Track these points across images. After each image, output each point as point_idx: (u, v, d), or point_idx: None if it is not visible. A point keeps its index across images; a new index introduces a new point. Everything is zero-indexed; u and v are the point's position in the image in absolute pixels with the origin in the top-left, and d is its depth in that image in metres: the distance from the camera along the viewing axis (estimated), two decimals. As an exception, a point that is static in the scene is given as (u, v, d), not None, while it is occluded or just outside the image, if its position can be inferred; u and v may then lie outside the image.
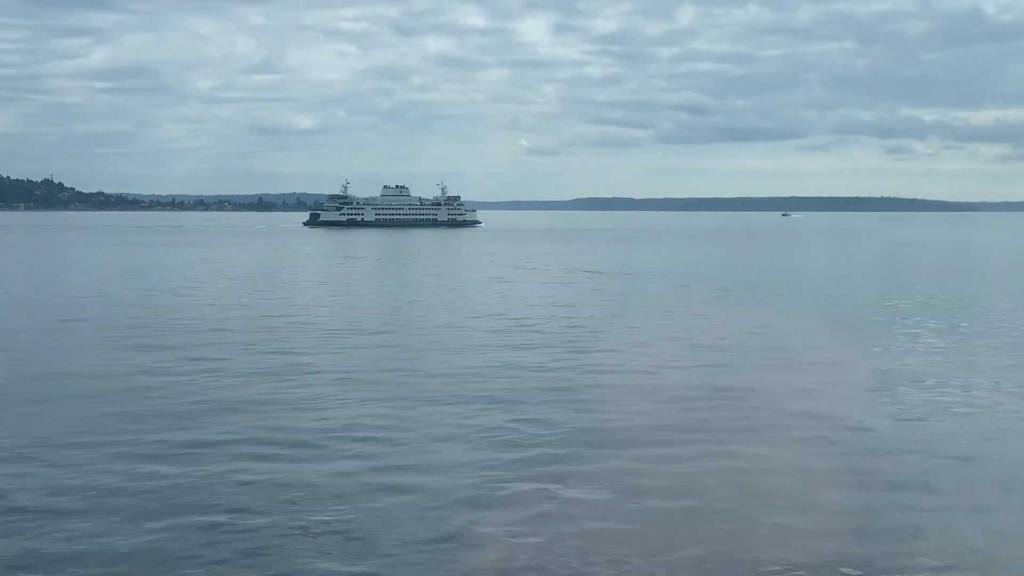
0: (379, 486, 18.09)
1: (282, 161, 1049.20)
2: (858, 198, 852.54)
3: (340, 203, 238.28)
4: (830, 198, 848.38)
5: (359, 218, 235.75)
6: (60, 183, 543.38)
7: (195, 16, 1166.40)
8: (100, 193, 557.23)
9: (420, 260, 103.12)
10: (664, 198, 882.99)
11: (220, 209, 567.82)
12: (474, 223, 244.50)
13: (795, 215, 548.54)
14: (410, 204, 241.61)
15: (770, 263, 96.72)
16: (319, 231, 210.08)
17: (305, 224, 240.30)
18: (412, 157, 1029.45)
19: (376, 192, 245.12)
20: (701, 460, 20.05)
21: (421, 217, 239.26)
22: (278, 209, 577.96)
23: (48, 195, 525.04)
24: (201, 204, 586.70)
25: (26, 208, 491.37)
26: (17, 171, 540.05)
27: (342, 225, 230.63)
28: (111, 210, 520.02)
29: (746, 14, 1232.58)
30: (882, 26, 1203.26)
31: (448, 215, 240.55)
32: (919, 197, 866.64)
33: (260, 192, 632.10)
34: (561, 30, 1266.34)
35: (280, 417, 23.80)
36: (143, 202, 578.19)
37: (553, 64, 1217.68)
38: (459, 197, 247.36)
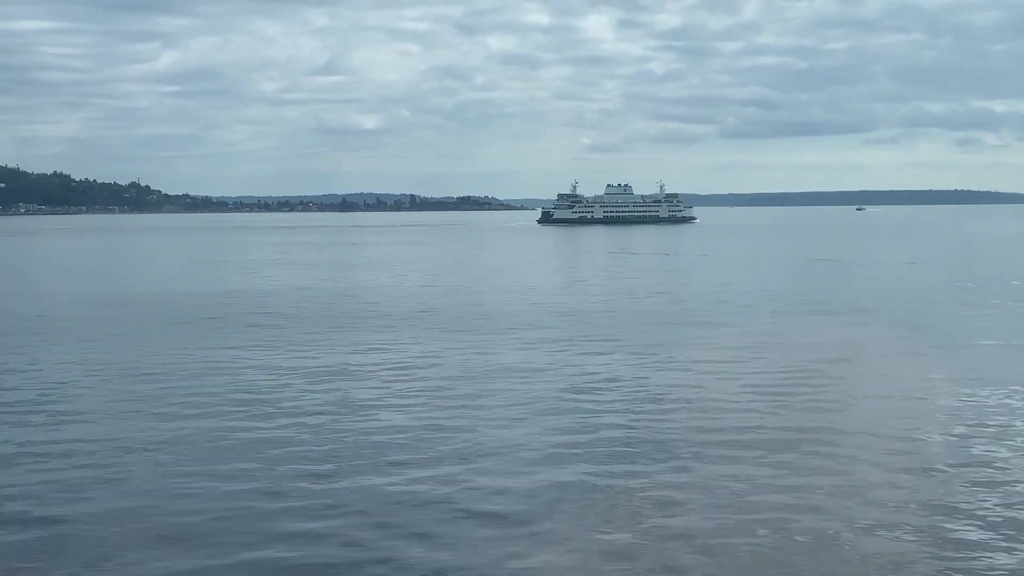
0: None
1: (347, 161, 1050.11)
2: (930, 191, 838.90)
3: (571, 201, 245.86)
4: (900, 191, 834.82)
5: (589, 215, 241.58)
6: (147, 186, 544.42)
7: (261, 19, 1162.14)
8: (187, 195, 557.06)
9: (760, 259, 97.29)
10: (730, 193, 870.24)
11: (305, 210, 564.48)
12: (691, 219, 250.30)
13: (869, 209, 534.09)
14: (634, 202, 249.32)
15: None
16: (551, 228, 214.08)
17: (539, 222, 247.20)
18: (474, 156, 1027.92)
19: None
20: None
21: (644, 214, 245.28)
22: (360, 209, 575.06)
23: (138, 197, 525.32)
24: (286, 205, 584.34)
25: (120, 211, 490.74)
26: (85, 174, 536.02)
27: (573, 223, 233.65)
28: (200, 212, 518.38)
29: (811, 7, 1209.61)
30: (950, 17, 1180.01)
31: (668, 212, 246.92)
32: (991, 189, 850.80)
33: (330, 192, 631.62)
34: (624, 26, 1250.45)
35: None
36: (228, 204, 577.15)
37: (616, 60, 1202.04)
38: (677, 195, 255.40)
